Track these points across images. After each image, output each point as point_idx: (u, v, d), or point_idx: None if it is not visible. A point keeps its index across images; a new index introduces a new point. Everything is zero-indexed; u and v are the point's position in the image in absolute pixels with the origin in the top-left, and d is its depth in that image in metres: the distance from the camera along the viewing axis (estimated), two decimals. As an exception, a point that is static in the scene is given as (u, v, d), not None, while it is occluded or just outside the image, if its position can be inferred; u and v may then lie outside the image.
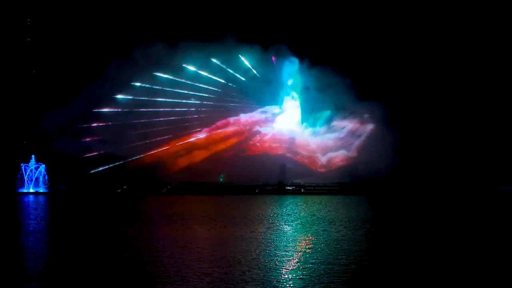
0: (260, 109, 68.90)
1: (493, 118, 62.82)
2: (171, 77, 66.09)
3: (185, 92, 66.54)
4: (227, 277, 11.45)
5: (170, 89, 66.15)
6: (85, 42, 64.17)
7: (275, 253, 14.70)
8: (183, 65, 66.09)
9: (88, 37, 64.16)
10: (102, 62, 63.41)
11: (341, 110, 67.05)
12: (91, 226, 22.66)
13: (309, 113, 68.63)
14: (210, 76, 66.84)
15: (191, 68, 66.42)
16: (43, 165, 59.09)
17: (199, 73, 66.51)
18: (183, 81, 66.31)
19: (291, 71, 69.21)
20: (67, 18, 64.46)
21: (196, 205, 38.59)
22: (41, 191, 58.14)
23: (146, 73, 65.11)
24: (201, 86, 66.91)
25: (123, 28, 63.76)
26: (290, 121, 68.78)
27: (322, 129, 67.90)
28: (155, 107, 66.09)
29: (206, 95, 67.16)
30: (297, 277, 11.60)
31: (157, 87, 65.93)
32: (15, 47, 64.93)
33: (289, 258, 13.88)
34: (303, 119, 68.92)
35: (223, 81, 67.21)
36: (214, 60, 66.63)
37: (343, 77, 64.81)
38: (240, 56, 67.25)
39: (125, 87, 65.08)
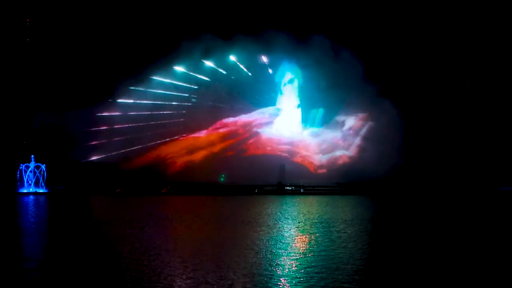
0: (258, 110, 68.38)
1: (496, 118, 62.34)
2: (165, 80, 65.90)
3: (183, 94, 66.34)
4: (213, 281, 11.34)
5: (169, 92, 65.99)
6: (84, 43, 64.05)
7: (264, 256, 14.57)
8: (174, 67, 65.84)
9: (88, 39, 64.02)
10: (102, 64, 63.43)
11: (340, 109, 66.47)
12: (82, 228, 22.62)
13: (307, 112, 68.06)
14: (203, 77, 66.46)
15: (182, 69, 66.15)
16: (43, 165, 59.13)
17: (191, 74, 66.24)
18: (177, 83, 66.09)
19: (287, 69, 68.46)
20: (66, 18, 64.32)
21: (193, 206, 38.48)
22: (40, 191, 58.21)
23: (143, 76, 64.92)
24: (198, 88, 66.64)
25: (121, 28, 63.58)
26: (289, 121, 68.34)
27: (322, 128, 67.39)
28: (155, 109, 65.92)
29: (203, 96, 66.78)
30: (286, 280, 11.47)
31: (155, 90, 65.76)
32: (15, 47, 64.87)
33: (278, 261, 13.75)
34: (303, 119, 68.39)
35: (212, 81, 66.71)
36: (205, 62, 66.17)
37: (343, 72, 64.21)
38: (231, 56, 66.73)
39: (124, 90, 64.99)
